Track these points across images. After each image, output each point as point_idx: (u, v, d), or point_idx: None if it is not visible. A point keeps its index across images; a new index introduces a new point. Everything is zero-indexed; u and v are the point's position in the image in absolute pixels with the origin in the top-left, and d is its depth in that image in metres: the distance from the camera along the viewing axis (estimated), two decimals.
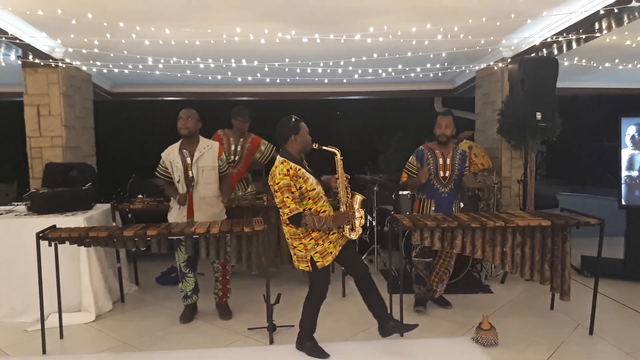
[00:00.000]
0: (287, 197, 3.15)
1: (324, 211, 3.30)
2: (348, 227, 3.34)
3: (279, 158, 3.28)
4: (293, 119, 3.31)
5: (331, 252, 3.30)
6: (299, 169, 3.23)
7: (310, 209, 3.24)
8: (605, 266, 5.09)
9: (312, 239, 3.26)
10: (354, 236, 3.37)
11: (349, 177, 3.46)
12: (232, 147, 4.92)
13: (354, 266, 3.45)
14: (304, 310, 3.42)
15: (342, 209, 3.36)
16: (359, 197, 3.41)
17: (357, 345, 3.56)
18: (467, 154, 5.59)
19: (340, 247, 3.36)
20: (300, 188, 3.21)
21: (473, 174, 4.98)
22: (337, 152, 3.38)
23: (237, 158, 4.94)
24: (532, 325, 3.93)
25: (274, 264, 5.26)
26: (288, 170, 3.18)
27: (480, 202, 5.43)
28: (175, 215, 4.04)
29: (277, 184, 3.17)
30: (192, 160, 3.96)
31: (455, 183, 4.18)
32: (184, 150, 3.99)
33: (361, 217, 3.37)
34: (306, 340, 3.43)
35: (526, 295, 4.66)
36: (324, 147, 3.38)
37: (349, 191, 3.40)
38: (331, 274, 3.88)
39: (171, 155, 4.01)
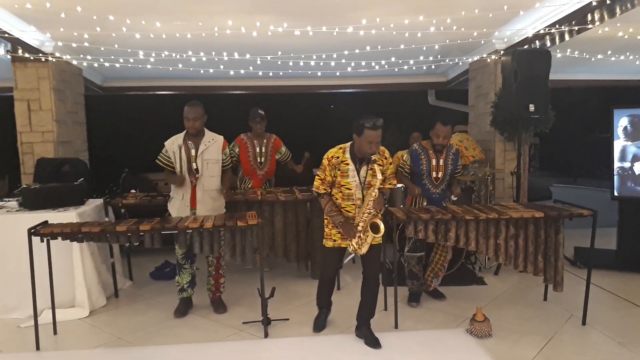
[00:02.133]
0: (318, 174, 3.41)
1: (348, 211, 3.40)
2: (354, 241, 3.38)
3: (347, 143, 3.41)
4: (361, 122, 3.17)
5: (334, 240, 3.47)
6: (346, 164, 3.33)
7: (336, 199, 3.41)
8: (598, 257, 5.13)
9: (326, 218, 3.50)
10: (351, 249, 3.42)
11: (379, 217, 3.33)
12: (257, 149, 5.07)
13: (368, 266, 3.49)
14: None
15: (358, 228, 3.34)
16: (372, 235, 3.31)
17: (352, 338, 3.57)
18: (459, 147, 5.61)
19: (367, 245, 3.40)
20: (335, 177, 3.36)
21: (463, 167, 4.99)
22: (376, 183, 3.27)
23: (263, 159, 5.07)
24: (525, 316, 3.95)
25: (269, 264, 5.26)
26: (332, 157, 3.35)
27: (473, 194, 5.44)
28: (178, 205, 4.01)
29: (324, 158, 3.39)
30: (197, 152, 3.97)
31: (446, 183, 4.20)
32: (189, 142, 3.99)
33: (367, 244, 3.35)
34: (319, 307, 3.78)
35: (520, 286, 4.69)
36: (373, 166, 3.26)
37: (368, 220, 3.30)
38: None
39: (175, 145, 3.99)
